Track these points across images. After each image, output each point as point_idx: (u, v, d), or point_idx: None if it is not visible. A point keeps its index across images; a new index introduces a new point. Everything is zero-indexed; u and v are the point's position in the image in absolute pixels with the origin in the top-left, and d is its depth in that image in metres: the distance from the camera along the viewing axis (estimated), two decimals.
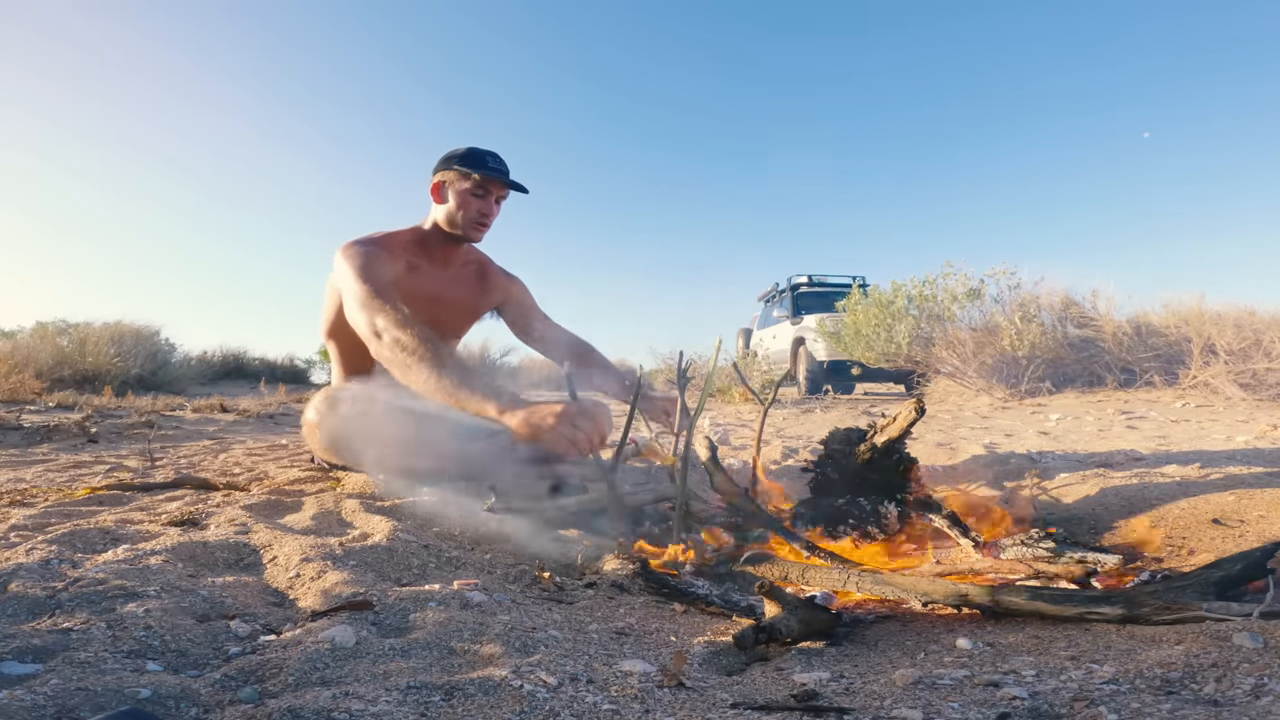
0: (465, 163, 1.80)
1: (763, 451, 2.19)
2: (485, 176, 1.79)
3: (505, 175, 1.83)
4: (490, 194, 1.83)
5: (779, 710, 0.66)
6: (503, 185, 1.83)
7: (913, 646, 0.85)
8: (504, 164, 1.85)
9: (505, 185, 1.84)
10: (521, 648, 0.81)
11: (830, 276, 9.65)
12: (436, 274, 1.92)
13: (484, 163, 1.80)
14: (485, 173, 1.79)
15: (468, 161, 1.80)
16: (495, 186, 1.83)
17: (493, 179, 1.80)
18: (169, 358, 8.67)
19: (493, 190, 1.83)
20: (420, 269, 1.87)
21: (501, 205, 1.89)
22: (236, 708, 0.64)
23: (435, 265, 1.92)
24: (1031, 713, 0.61)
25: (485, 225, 1.86)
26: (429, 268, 1.90)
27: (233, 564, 1.13)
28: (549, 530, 1.44)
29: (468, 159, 1.80)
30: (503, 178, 1.82)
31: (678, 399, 1.68)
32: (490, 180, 1.80)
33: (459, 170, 1.80)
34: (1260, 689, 0.60)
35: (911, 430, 1.40)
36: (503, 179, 1.82)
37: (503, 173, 1.82)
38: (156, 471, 2.16)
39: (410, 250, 1.86)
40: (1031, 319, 5.59)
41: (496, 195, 1.85)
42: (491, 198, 1.84)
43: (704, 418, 3.62)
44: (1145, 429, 3.17)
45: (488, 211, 1.84)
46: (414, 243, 1.88)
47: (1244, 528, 1.24)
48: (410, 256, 1.85)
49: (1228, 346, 4.62)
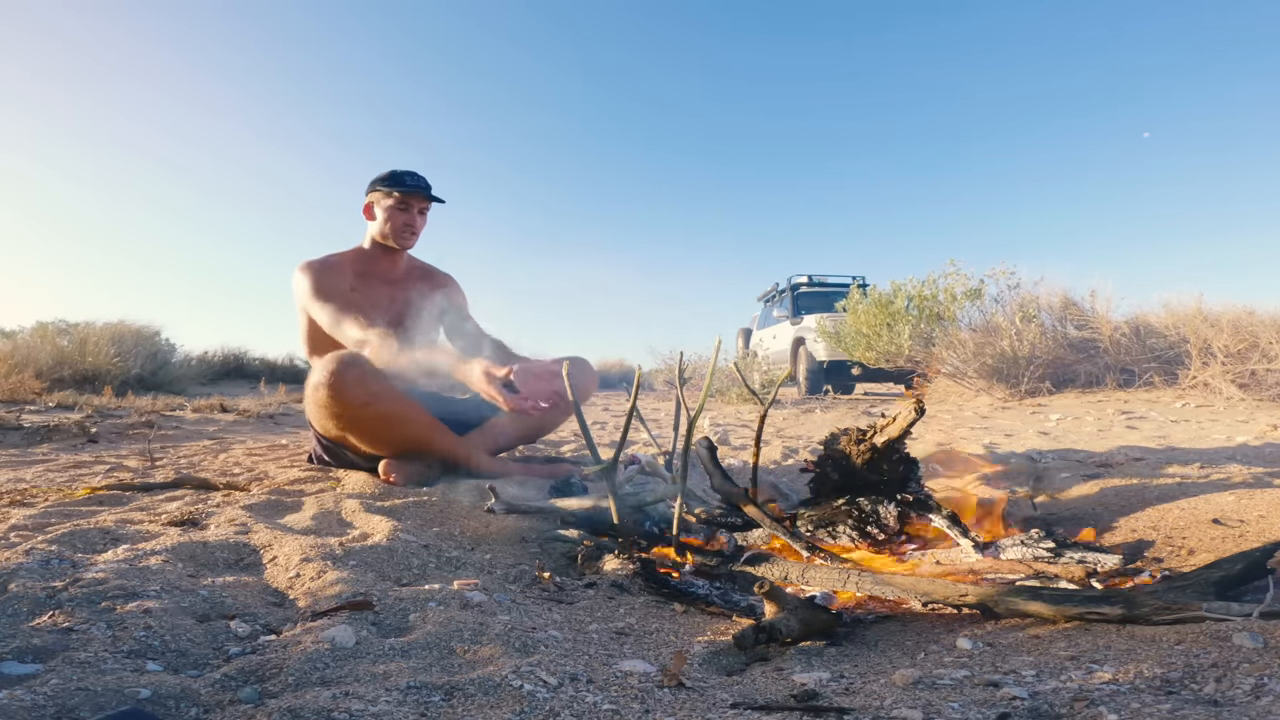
0: (387, 183, 2.08)
1: (763, 451, 2.19)
2: (404, 193, 2.07)
3: (424, 189, 2.10)
4: (412, 207, 2.11)
5: (779, 710, 0.66)
6: (423, 198, 2.11)
7: (913, 646, 0.85)
8: (422, 179, 2.12)
9: (425, 198, 2.11)
10: (521, 648, 0.81)
11: (830, 276, 9.65)
12: (387, 281, 2.19)
13: (402, 181, 2.08)
14: (403, 189, 2.07)
15: (389, 182, 2.08)
16: (415, 200, 2.10)
17: (411, 193, 2.08)
18: (169, 358, 8.66)
19: (413, 203, 2.11)
20: (370, 278, 2.15)
21: (426, 215, 2.16)
22: (236, 708, 0.64)
23: (383, 274, 2.19)
24: (1031, 713, 0.61)
25: (413, 233, 2.14)
26: (378, 277, 2.18)
27: (233, 564, 1.13)
28: (549, 530, 1.44)
29: (389, 180, 2.09)
30: (422, 192, 2.09)
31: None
32: (409, 195, 2.08)
33: (382, 190, 2.09)
34: (1260, 689, 0.60)
35: (911, 430, 1.40)
36: (421, 193, 2.09)
37: (421, 188, 2.10)
38: (156, 471, 2.16)
39: (356, 265, 2.15)
40: (1031, 319, 5.59)
41: (418, 207, 2.12)
42: (414, 210, 2.12)
43: (704, 418, 3.62)
44: (1145, 429, 3.17)
45: (411, 222, 2.12)
46: (358, 259, 2.16)
47: (1244, 528, 1.24)
48: (357, 269, 2.14)
49: (1225, 348, 4.62)
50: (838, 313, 7.82)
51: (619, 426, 1.80)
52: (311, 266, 2.06)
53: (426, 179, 2.13)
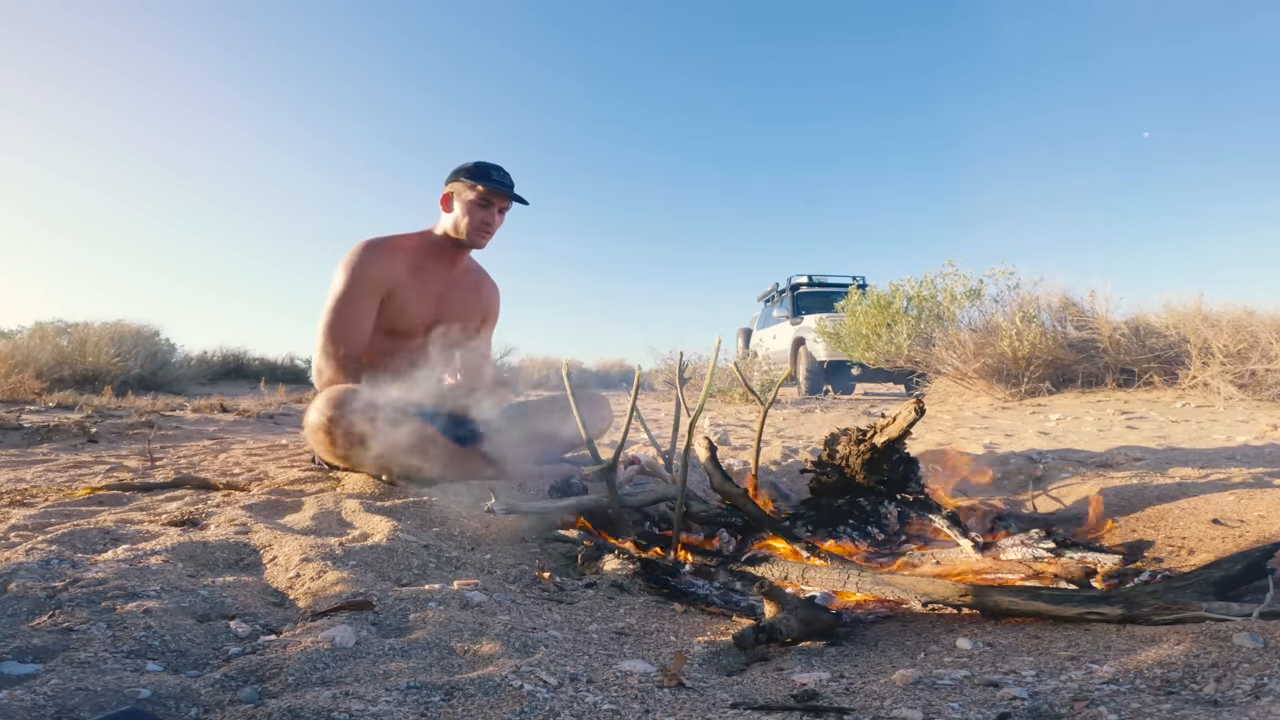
0: (472, 175, 1.96)
1: (763, 451, 2.19)
2: (489, 189, 1.96)
3: (509, 188, 1.99)
4: (493, 205, 2.00)
5: (779, 710, 0.66)
6: (505, 197, 2.00)
7: (913, 646, 0.85)
8: (508, 177, 2.01)
9: (508, 197, 2.00)
10: (521, 648, 0.81)
11: (830, 276, 9.65)
12: (442, 276, 2.09)
13: (489, 176, 1.96)
14: (489, 185, 1.95)
15: (474, 174, 1.96)
16: (498, 198, 1.99)
17: (496, 191, 1.97)
18: (169, 358, 8.65)
19: (495, 201, 1.99)
20: (426, 270, 2.05)
21: (505, 215, 2.05)
22: (236, 708, 0.64)
23: (441, 268, 2.09)
24: (1031, 713, 0.61)
25: (489, 233, 2.03)
26: (435, 270, 2.07)
27: (233, 564, 1.13)
28: (549, 530, 1.44)
29: (474, 172, 1.97)
30: (506, 190, 1.98)
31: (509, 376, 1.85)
32: (494, 192, 1.97)
33: (466, 182, 1.97)
34: (1260, 689, 0.60)
35: (911, 430, 1.40)
36: (506, 191, 1.98)
37: (506, 186, 1.98)
38: (156, 471, 2.16)
39: (416, 253, 2.04)
40: (1031, 319, 5.59)
41: (499, 206, 2.01)
42: (494, 208, 2.01)
43: (704, 418, 3.61)
44: (1145, 429, 3.17)
45: (490, 220, 2.01)
46: (421, 247, 2.06)
47: (1244, 528, 1.24)
48: (416, 258, 2.04)
49: (1225, 348, 4.62)
50: (837, 313, 7.82)
51: (619, 427, 1.80)
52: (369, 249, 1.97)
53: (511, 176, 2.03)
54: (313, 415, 1.72)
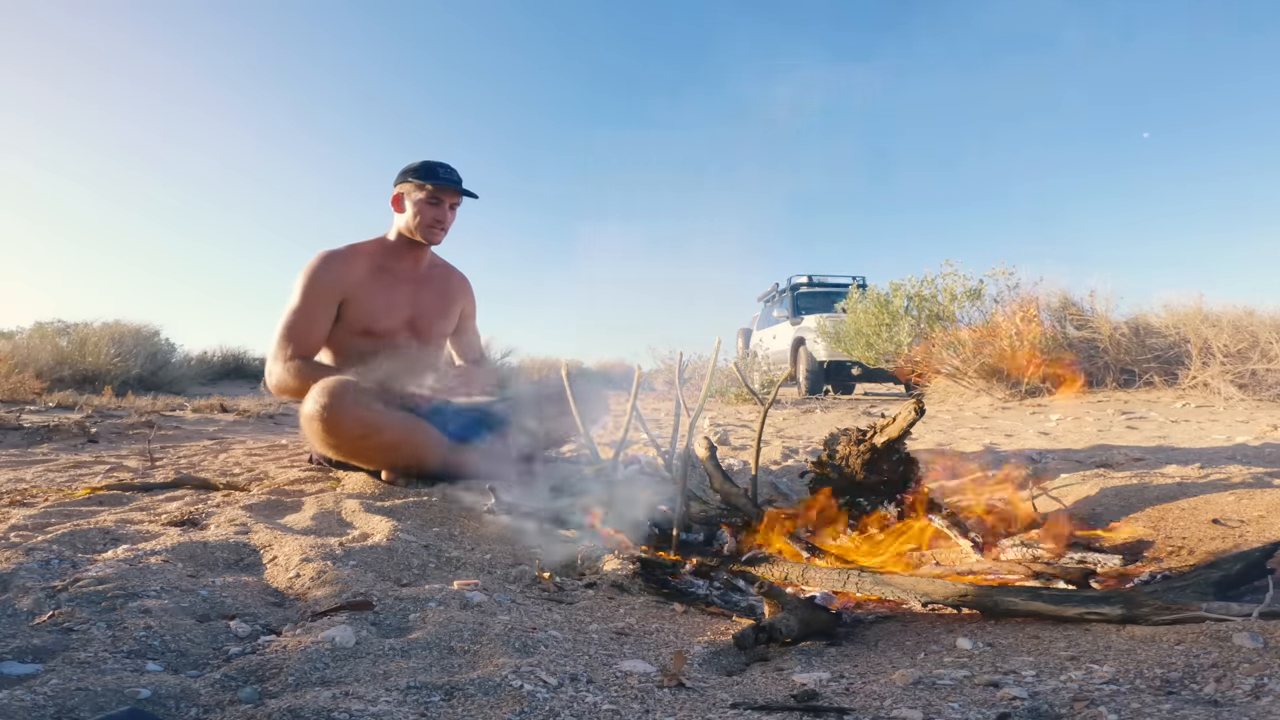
0: (419, 175, 1.98)
1: (763, 451, 2.19)
2: (437, 186, 1.98)
3: (457, 184, 2.01)
4: (443, 202, 2.02)
5: (779, 710, 0.66)
6: (454, 193, 2.02)
7: (913, 646, 0.85)
8: (455, 173, 2.02)
9: (457, 193, 2.02)
10: (521, 648, 0.81)
11: (830, 276, 9.65)
12: (408, 276, 2.12)
13: (436, 174, 1.98)
14: (437, 183, 1.97)
15: (421, 174, 1.98)
16: (447, 194, 2.01)
17: (444, 188, 1.99)
18: (169, 358, 8.64)
19: (445, 198, 2.02)
20: (390, 271, 2.07)
21: (456, 211, 2.07)
22: (236, 708, 0.64)
23: (406, 268, 2.11)
24: (1031, 713, 0.61)
25: (442, 229, 2.06)
26: (400, 270, 2.10)
27: (233, 564, 1.13)
28: (549, 530, 1.44)
29: (421, 171, 1.99)
30: (454, 185, 2.00)
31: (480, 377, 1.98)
32: (442, 189, 1.99)
33: (414, 182, 1.99)
34: (1260, 689, 0.60)
35: (911, 430, 1.40)
36: (454, 187, 2.00)
37: (454, 182, 2.00)
38: (156, 471, 2.16)
39: (376, 255, 2.07)
40: (1031, 319, 5.58)
41: (449, 202, 2.03)
42: (445, 205, 2.02)
43: (704, 418, 3.62)
44: (1145, 429, 3.17)
45: (442, 218, 2.03)
46: (380, 250, 2.08)
47: (1244, 528, 1.24)
48: (377, 260, 2.06)
49: (1225, 348, 4.62)
50: (837, 313, 7.82)
51: (619, 426, 1.81)
52: (324, 258, 2.00)
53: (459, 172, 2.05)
54: (307, 405, 1.72)
